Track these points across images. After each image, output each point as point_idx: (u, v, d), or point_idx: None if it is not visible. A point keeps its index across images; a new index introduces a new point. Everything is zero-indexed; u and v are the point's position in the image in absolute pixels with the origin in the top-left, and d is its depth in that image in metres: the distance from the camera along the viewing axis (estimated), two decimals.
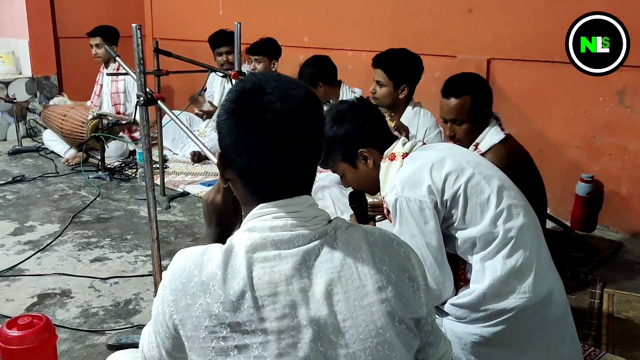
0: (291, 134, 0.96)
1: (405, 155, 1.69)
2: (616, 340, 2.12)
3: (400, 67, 2.85)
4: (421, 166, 1.63)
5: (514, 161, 2.16)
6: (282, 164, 0.97)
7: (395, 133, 2.57)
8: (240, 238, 0.97)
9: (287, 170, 0.98)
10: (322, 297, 0.92)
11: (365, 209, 1.99)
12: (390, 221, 1.70)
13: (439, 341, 1.11)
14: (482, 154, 2.17)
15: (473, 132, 2.25)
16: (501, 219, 1.56)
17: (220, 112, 1.01)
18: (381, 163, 1.73)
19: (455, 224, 1.60)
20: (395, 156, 1.70)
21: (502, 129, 2.26)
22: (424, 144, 1.81)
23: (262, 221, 0.97)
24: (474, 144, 2.25)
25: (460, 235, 1.60)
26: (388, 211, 1.69)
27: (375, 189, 1.77)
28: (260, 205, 0.98)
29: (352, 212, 2.02)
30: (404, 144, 1.73)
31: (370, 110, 1.82)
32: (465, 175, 1.59)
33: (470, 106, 2.22)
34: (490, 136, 2.23)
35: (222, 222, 1.17)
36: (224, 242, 0.99)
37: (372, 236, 1.02)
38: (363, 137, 1.74)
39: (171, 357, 1.02)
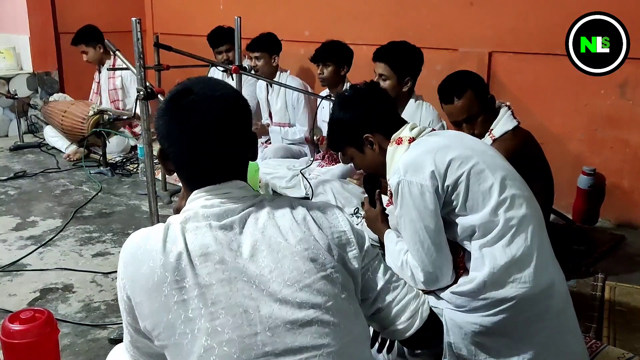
0: (215, 128, 1.09)
1: (412, 139, 1.70)
2: (617, 332, 2.12)
3: (403, 60, 2.86)
4: (425, 151, 1.63)
5: (522, 152, 2.21)
6: (210, 155, 1.10)
7: None
8: (178, 215, 1.11)
9: (215, 160, 1.11)
10: (248, 255, 1.04)
11: (378, 192, 1.99)
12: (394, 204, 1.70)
13: (397, 285, 1.23)
14: (495, 139, 2.24)
15: (488, 121, 2.32)
16: (503, 208, 1.56)
17: (157, 112, 1.15)
18: (388, 147, 1.74)
19: (456, 210, 1.60)
20: (402, 140, 1.71)
21: (514, 117, 2.33)
22: (433, 130, 1.80)
23: (196, 204, 1.11)
24: (489, 130, 2.32)
25: (461, 221, 1.60)
26: (391, 194, 1.69)
27: (384, 172, 1.78)
28: (194, 192, 1.13)
29: (363, 198, 2.02)
30: (412, 128, 1.74)
31: (376, 95, 1.82)
32: (469, 163, 1.59)
33: (475, 99, 2.29)
34: (504, 123, 2.30)
35: None
36: None
37: (297, 202, 1.15)
38: (369, 122, 1.75)
39: (136, 333, 1.08)
